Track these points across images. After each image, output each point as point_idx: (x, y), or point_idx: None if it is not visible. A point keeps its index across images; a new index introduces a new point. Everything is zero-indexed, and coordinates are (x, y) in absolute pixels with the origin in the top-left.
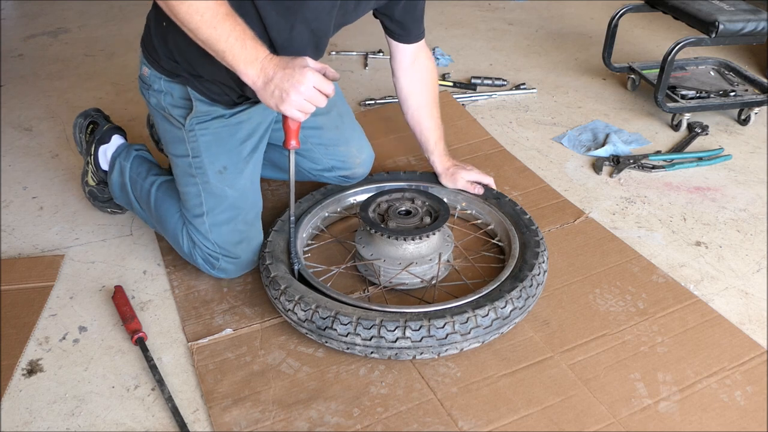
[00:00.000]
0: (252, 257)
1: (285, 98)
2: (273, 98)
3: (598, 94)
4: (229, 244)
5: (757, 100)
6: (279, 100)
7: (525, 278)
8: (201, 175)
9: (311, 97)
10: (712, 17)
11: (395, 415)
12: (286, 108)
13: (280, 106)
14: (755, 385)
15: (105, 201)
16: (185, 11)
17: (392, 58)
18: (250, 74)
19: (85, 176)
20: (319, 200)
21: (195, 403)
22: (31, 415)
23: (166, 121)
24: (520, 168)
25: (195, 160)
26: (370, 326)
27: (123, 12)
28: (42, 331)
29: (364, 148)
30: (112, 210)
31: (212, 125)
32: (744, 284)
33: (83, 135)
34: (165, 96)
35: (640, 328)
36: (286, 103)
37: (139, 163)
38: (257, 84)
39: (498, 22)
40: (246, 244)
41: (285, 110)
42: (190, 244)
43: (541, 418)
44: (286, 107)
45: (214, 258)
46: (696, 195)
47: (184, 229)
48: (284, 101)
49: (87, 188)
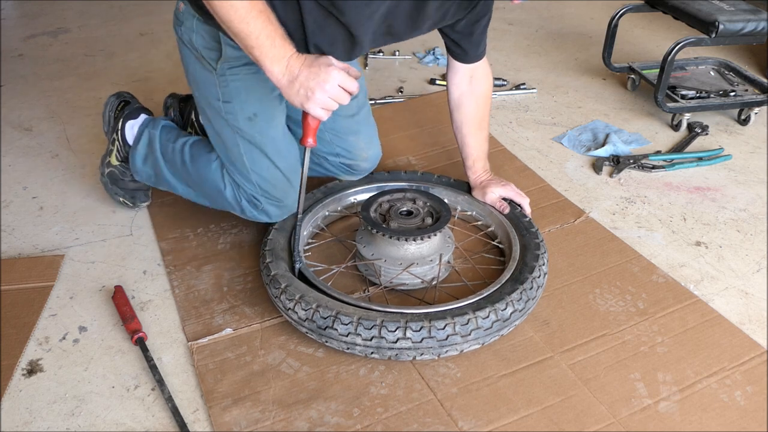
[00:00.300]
0: (294, 201)
1: (310, 96)
2: (298, 96)
3: (598, 94)
4: (269, 185)
5: (757, 100)
6: (304, 99)
7: (525, 281)
8: (233, 120)
9: (336, 96)
10: (712, 17)
11: (395, 415)
12: (311, 106)
13: (305, 104)
14: (755, 385)
15: (124, 188)
16: (220, 3)
17: (449, 68)
18: (275, 72)
19: (108, 157)
20: (320, 199)
21: (195, 403)
22: (31, 415)
23: (197, 62)
24: (521, 167)
25: (226, 105)
26: (370, 326)
27: (123, 12)
28: (42, 331)
29: (374, 144)
30: (123, 199)
31: (242, 71)
32: (744, 284)
33: (113, 113)
34: (196, 36)
35: (640, 328)
36: (311, 101)
37: (168, 130)
38: (282, 82)
39: (498, 22)
40: (288, 187)
41: (310, 108)
42: (234, 186)
43: (541, 418)
44: (310, 105)
45: (257, 200)
46: (696, 195)
47: (225, 174)
48: (309, 99)
49: (107, 170)
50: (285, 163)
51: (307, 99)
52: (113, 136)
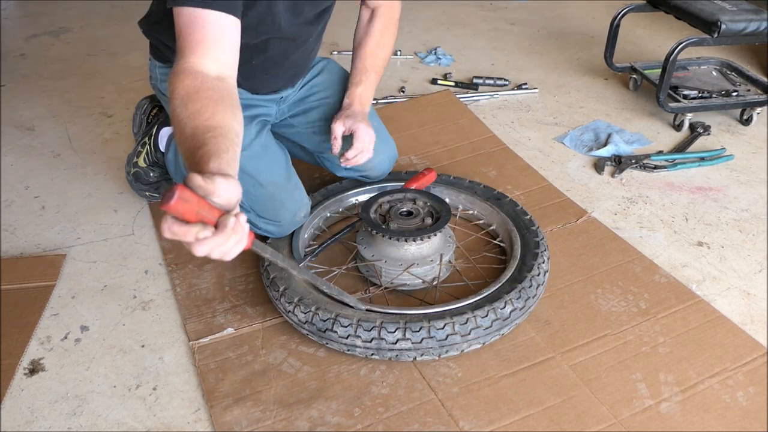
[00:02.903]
0: (292, 219)
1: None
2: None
3: (600, 94)
4: (258, 205)
5: (760, 100)
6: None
7: (524, 279)
8: None
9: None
10: (714, 17)
11: (396, 415)
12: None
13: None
14: (757, 385)
15: (148, 184)
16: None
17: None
18: None
19: (136, 157)
20: (320, 201)
21: (196, 403)
22: (32, 415)
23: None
24: (523, 166)
25: None
26: (370, 328)
27: (125, 12)
28: (44, 331)
29: (381, 151)
30: (150, 194)
31: None
32: (746, 284)
33: (145, 117)
34: (162, 84)
35: (642, 329)
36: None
37: None
38: None
39: (500, 22)
40: (279, 206)
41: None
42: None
43: (542, 418)
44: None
45: (253, 224)
46: (698, 195)
47: None
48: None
49: (133, 170)
50: (268, 179)
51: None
52: (144, 139)
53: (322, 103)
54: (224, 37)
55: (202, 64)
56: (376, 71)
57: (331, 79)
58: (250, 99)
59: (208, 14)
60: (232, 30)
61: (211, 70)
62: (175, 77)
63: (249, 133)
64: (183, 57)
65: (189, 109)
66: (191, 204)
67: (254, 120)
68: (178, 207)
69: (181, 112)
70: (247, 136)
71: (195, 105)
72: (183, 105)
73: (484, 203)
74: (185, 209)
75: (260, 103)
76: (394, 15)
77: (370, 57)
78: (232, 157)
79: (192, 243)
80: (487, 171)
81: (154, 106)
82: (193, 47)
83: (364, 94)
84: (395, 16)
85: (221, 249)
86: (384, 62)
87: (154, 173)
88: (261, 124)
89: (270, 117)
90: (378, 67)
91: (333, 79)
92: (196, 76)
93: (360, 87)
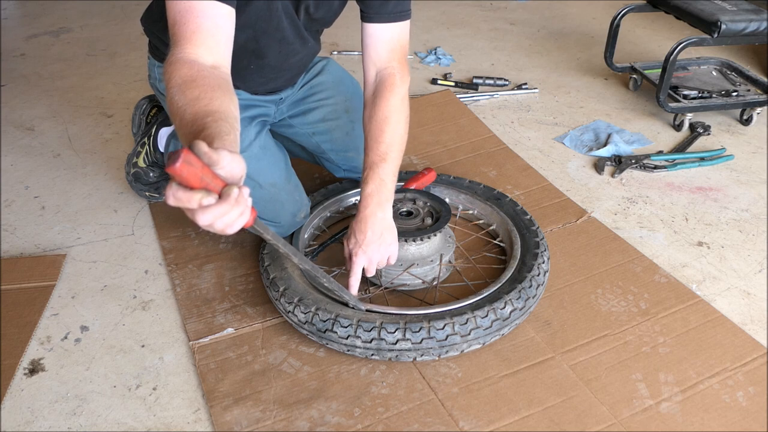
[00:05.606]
0: (292, 219)
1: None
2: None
3: (600, 94)
4: (257, 207)
5: (760, 100)
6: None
7: (524, 279)
8: None
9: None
10: (714, 17)
11: (396, 415)
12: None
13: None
14: (757, 385)
15: (148, 184)
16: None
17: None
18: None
19: (135, 158)
20: (320, 201)
21: (196, 403)
22: (32, 415)
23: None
24: (523, 166)
25: None
26: (370, 328)
27: (125, 11)
28: (44, 331)
29: None
30: (149, 193)
31: None
32: (746, 285)
33: (144, 117)
34: (160, 84)
35: (642, 329)
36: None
37: None
38: None
39: (500, 22)
40: (279, 207)
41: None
42: None
43: (542, 418)
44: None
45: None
46: (698, 195)
47: None
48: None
49: (132, 170)
50: (268, 180)
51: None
52: (143, 139)
53: (321, 103)
54: (218, 27)
55: (197, 53)
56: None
57: (331, 80)
58: (249, 99)
59: (202, 4)
60: (226, 20)
61: (206, 59)
62: (171, 66)
63: (248, 134)
64: (178, 47)
65: (187, 95)
66: (195, 169)
67: (253, 121)
68: (183, 170)
69: (180, 99)
70: (246, 137)
71: (193, 92)
72: (181, 92)
73: (484, 203)
74: (189, 173)
75: (259, 104)
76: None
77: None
78: (233, 140)
79: (195, 210)
80: (487, 171)
81: (154, 106)
82: (187, 37)
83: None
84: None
85: (224, 220)
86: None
87: (153, 173)
88: (260, 124)
89: (269, 117)
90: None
91: (333, 80)
92: (192, 65)
93: (368, 186)
